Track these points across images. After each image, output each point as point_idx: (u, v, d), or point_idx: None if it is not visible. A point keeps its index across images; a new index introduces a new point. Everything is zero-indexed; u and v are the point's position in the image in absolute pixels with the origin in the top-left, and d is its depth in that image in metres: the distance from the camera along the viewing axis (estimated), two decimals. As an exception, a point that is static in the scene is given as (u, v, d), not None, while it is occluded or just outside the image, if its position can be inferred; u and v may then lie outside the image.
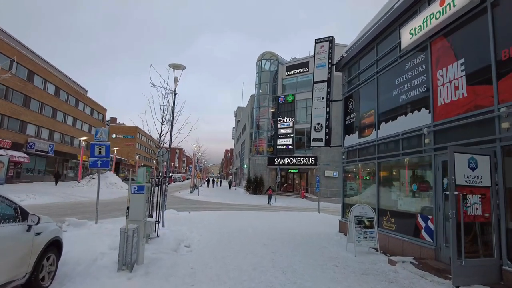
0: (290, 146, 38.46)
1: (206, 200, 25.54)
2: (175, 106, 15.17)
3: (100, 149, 10.08)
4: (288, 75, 40.56)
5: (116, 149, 49.55)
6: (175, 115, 10.06)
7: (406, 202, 7.60)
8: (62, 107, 42.03)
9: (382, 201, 8.74)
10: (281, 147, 39.15)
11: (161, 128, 9.45)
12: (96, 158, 10.07)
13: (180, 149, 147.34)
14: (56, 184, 33.12)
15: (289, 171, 40.69)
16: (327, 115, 11.65)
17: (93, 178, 34.94)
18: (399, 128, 7.94)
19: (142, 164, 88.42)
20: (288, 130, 38.84)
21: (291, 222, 13.10)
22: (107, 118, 60.91)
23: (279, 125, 39.56)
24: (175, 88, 15.35)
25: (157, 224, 7.50)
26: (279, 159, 37.38)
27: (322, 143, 11.61)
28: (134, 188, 5.83)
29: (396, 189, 8.23)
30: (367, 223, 7.62)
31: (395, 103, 8.28)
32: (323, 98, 11.83)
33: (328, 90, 11.78)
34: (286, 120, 39.12)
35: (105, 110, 59.07)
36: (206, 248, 7.49)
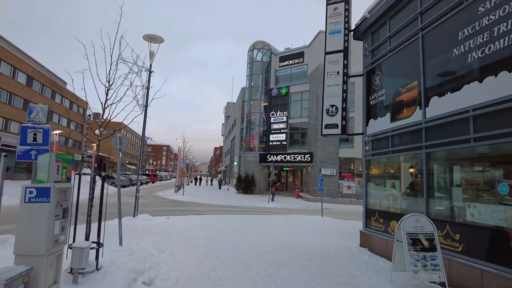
0: (283, 142, 35.87)
1: (191, 201, 22.69)
2: (149, 87, 12.38)
3: (35, 134, 7.16)
4: (282, 66, 37.92)
5: (95, 144, 45.74)
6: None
7: (485, 211, 5.00)
8: (35, 98, 38.37)
9: (435, 208, 6.16)
10: (274, 143, 36.53)
11: (106, 95, 6.43)
12: (28, 147, 7.15)
13: (168, 146, 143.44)
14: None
15: (284, 169, 38.11)
16: (344, 95, 9.01)
17: (68, 176, 31.72)
18: (467, 101, 5.36)
19: (127, 161, 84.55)
20: (282, 125, 36.24)
21: (294, 231, 10.44)
22: (89, 112, 56.92)
23: (271, 120, 36.91)
24: (151, 65, 12.55)
25: (99, 249, 4.69)
26: (271, 156, 34.74)
27: (338, 130, 8.96)
28: (30, 192, 3.04)
29: (461, 191, 5.64)
30: (425, 243, 5.00)
31: (458, 66, 5.69)
32: (338, 72, 9.19)
33: (345, 62, 9.15)
34: (279, 114, 36.51)
35: (86, 103, 55.28)
36: (178, 285, 4.74)
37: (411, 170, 7.04)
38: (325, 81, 9.41)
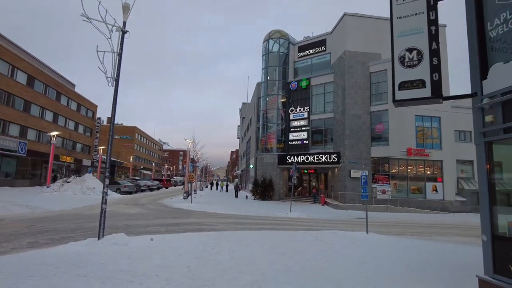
0: (305, 141, 31.79)
1: (199, 210, 19.01)
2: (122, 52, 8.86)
3: None
4: (301, 56, 33.98)
5: (102, 148, 43.17)
6: None
7: None
8: (38, 100, 36.10)
9: None
10: (294, 142, 32.51)
11: None
12: None
13: (185, 151, 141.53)
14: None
15: (305, 171, 33.97)
16: (433, 28, 5.04)
17: (68, 182, 28.86)
18: None
19: (142, 167, 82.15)
20: (303, 122, 32.19)
21: (342, 269, 6.48)
22: (98, 116, 54.62)
23: (291, 117, 32.95)
24: (124, 23, 8.99)
25: None
26: (292, 157, 30.73)
27: (426, 91, 4.95)
28: None
29: None
30: None
31: None
32: (418, -7, 5.23)
33: (432, -26, 5.19)
34: (300, 110, 32.49)
35: (96, 106, 53.14)
36: None
37: None
38: (394, 10, 5.45)
